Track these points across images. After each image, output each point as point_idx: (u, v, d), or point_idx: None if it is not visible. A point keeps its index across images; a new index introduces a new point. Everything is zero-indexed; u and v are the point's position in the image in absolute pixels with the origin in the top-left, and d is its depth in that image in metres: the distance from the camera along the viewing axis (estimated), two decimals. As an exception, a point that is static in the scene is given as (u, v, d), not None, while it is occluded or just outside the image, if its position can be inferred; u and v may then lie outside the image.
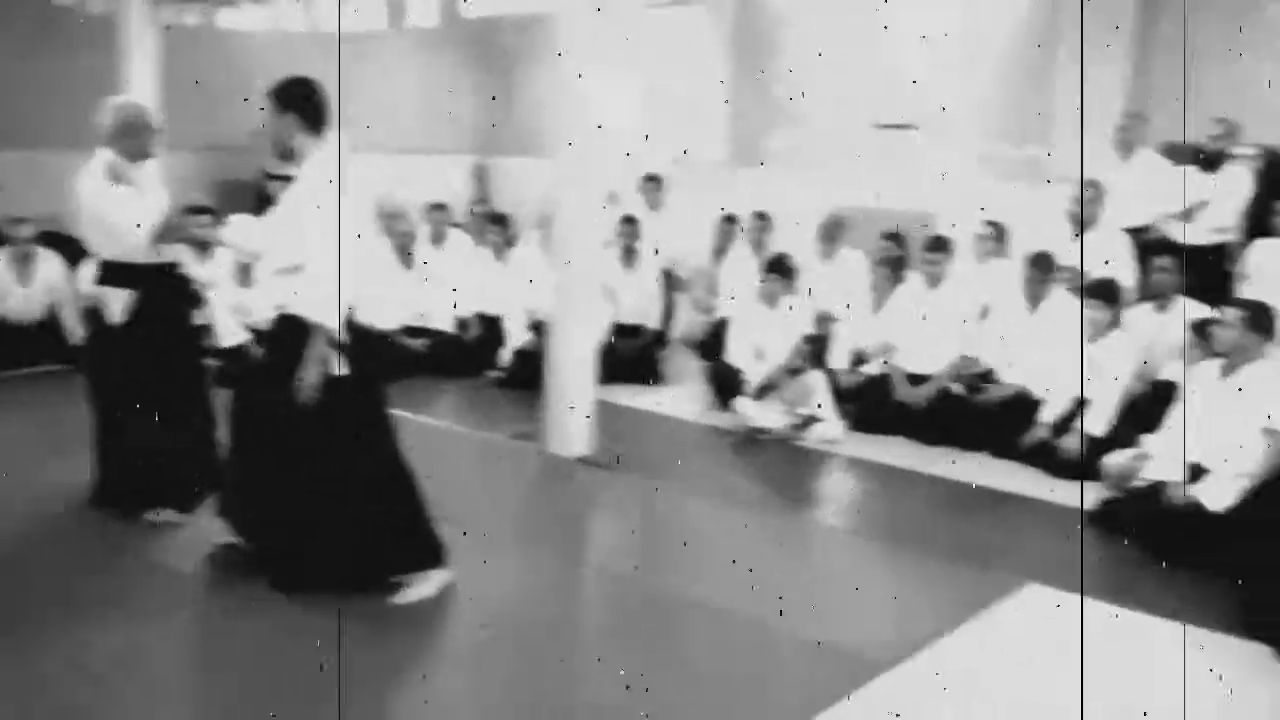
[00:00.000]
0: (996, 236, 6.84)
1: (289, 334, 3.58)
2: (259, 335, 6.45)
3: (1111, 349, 5.42)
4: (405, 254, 7.46)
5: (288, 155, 3.67)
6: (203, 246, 5.85)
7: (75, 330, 6.92)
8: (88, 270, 6.73)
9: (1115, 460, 4.77)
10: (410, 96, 11.11)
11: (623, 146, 8.69)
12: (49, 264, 7.11)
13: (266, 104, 3.65)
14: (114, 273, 4.26)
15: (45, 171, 8.99)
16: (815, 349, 6.14)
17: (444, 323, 7.46)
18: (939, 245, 6.38)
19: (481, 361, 7.25)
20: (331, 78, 3.89)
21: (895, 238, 7.09)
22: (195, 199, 6.79)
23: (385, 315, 7.16)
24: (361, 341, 3.70)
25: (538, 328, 6.62)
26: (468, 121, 11.91)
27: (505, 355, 7.11)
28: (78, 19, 8.29)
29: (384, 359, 5.33)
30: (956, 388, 6.01)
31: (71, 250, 7.37)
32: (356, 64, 10.75)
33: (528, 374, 6.36)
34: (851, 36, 8.99)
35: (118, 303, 4.25)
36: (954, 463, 5.55)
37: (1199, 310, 5.55)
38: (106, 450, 4.39)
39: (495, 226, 7.76)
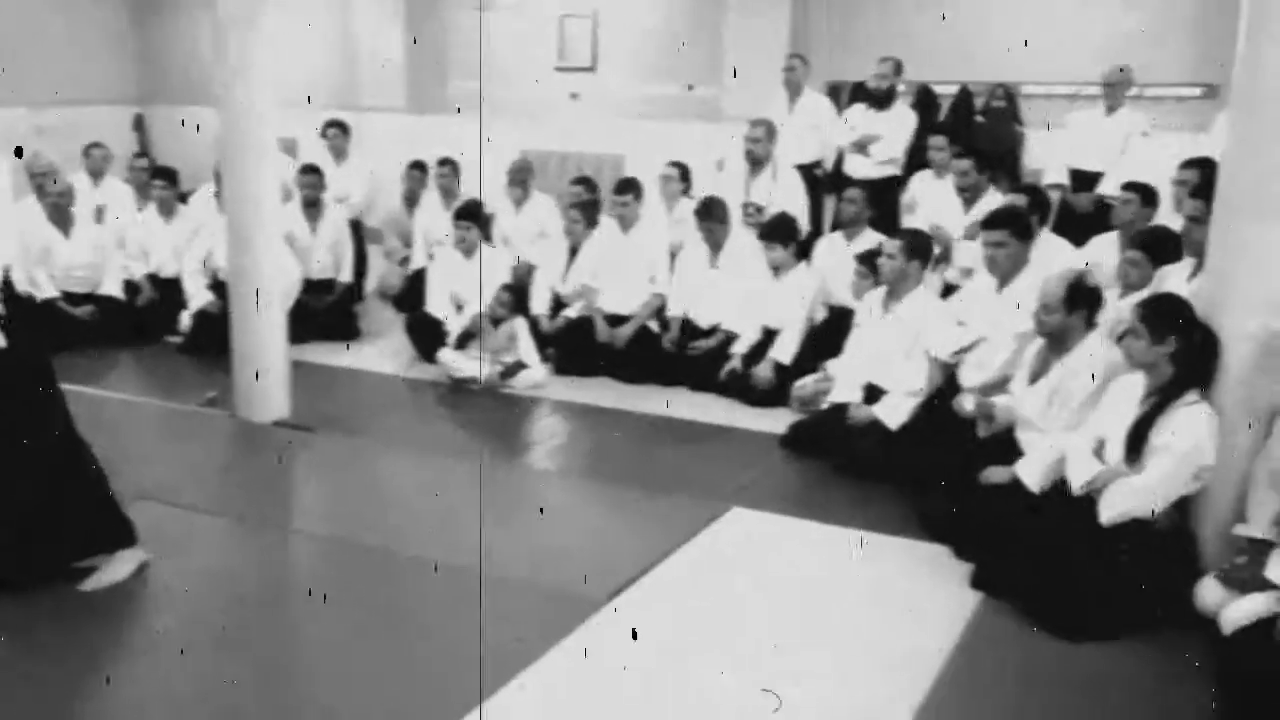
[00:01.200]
0: (681, 177, 7.08)
1: None
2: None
3: (794, 282, 5.78)
4: (61, 215, 6.71)
5: None
6: None
7: None
8: None
9: (803, 385, 5.12)
10: (55, 43, 9.97)
11: (297, 94, 8.24)
12: None
13: None
14: None
15: None
16: (515, 295, 6.14)
17: (112, 287, 6.82)
18: (628, 187, 6.53)
19: (158, 327, 6.72)
20: None
21: (586, 181, 7.18)
22: None
23: (43, 282, 6.49)
24: (20, 311, 3.33)
25: (219, 287, 6.20)
26: (122, 69, 10.87)
27: (185, 319, 6.60)
28: None
29: (46, 329, 4.79)
30: (652, 326, 6.22)
31: None
32: (4, 8, 9.53)
33: (212, 337, 5.95)
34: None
35: None
36: (664, 403, 5.71)
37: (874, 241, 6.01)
38: None
39: (161, 181, 7.15)
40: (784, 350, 5.68)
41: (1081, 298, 3.90)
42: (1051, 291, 3.91)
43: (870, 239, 5.90)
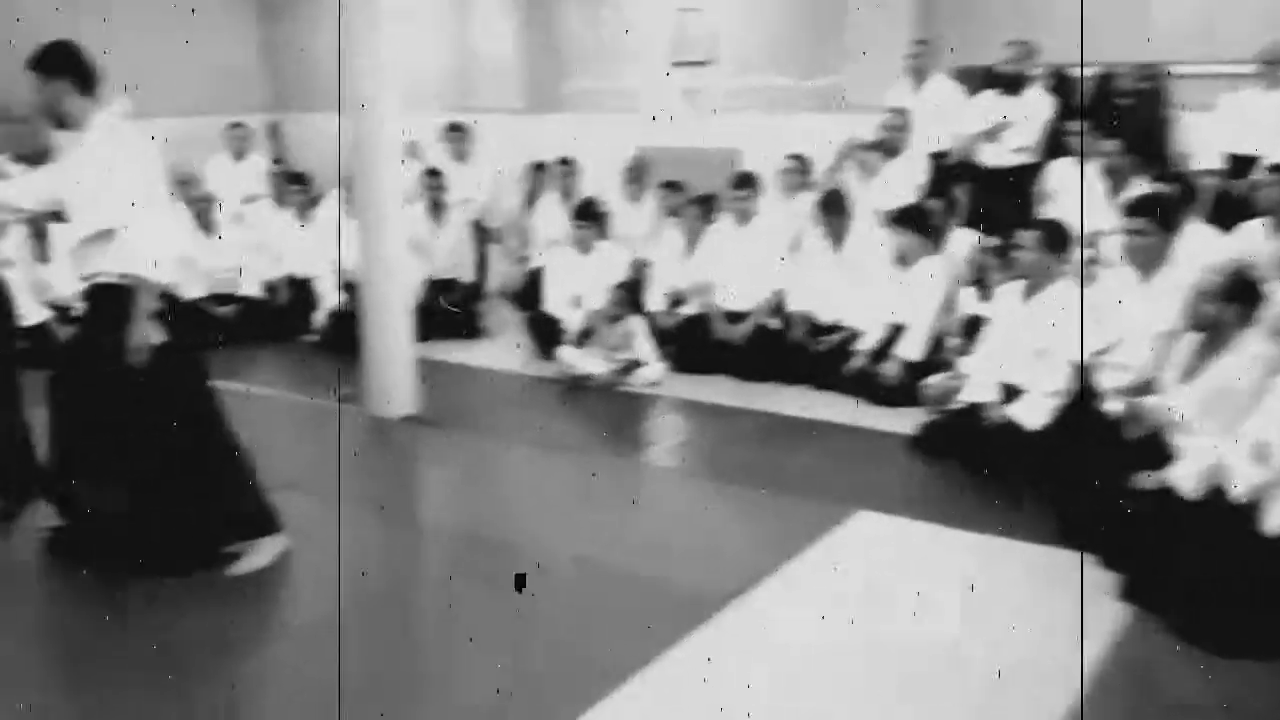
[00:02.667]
0: (801, 169, 6.96)
1: (104, 303, 3.47)
2: (61, 312, 6.04)
3: (924, 275, 5.61)
4: (204, 220, 6.99)
5: (64, 122, 3.54)
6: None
7: None
8: None
9: (933, 384, 4.95)
10: (193, 55, 10.37)
11: (420, 98, 8.38)
12: None
13: (32, 73, 3.49)
14: None
15: None
16: (631, 293, 6.13)
17: (252, 288, 7.07)
18: (745, 182, 6.45)
19: (294, 326, 6.95)
20: (103, 39, 3.70)
21: (673, 185, 7.06)
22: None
23: (191, 284, 6.77)
24: (174, 310, 3.59)
25: (350, 288, 6.36)
26: (256, 79, 11.23)
27: (319, 318, 6.80)
28: None
29: (197, 327, 5.05)
30: (773, 323, 6.13)
31: None
32: (132, 24, 9.94)
33: (343, 336, 6.10)
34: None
35: None
36: (783, 401, 5.61)
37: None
38: None
39: (295, 186, 7.38)
40: (912, 346, 5.53)
41: (1242, 290, 3.66)
42: (1210, 281, 3.68)
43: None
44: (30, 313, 6.14)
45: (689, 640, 3.23)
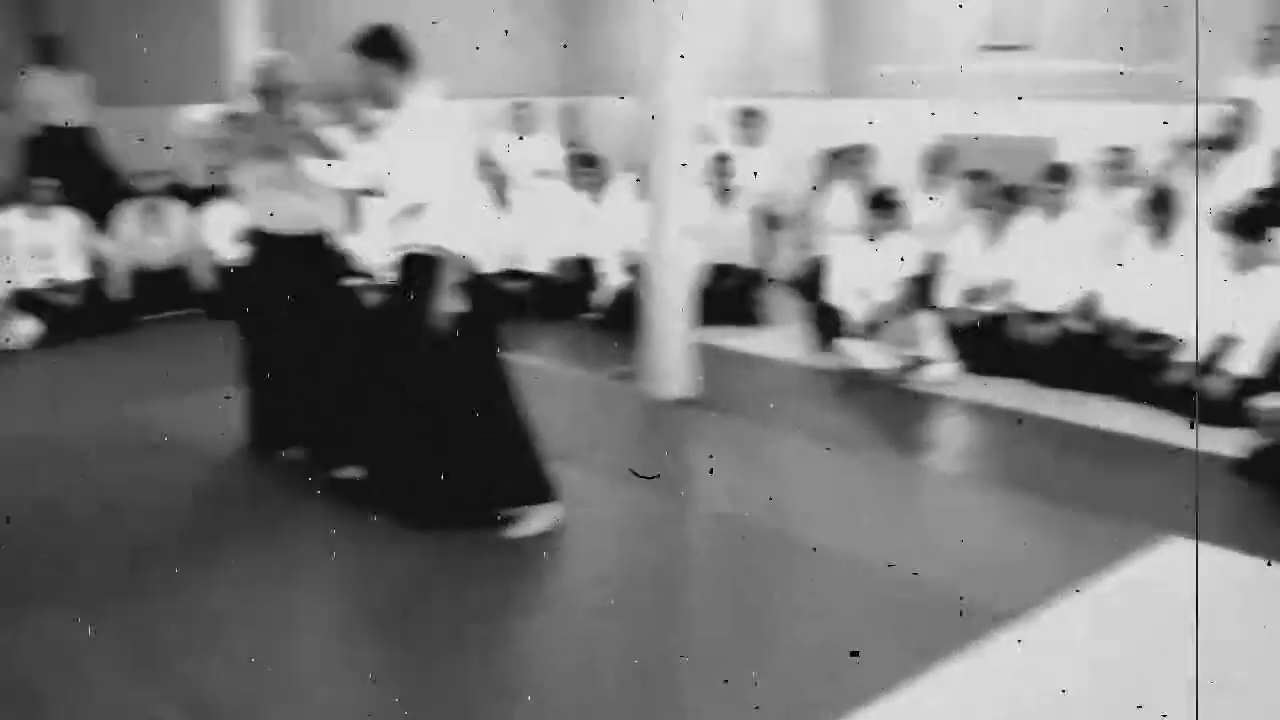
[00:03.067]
0: (1121, 163, 6.38)
1: (415, 272, 3.66)
2: (367, 279, 6.54)
3: (1262, 283, 4.98)
4: (500, 197, 7.31)
5: (383, 101, 3.73)
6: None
7: (203, 278, 7.24)
8: (215, 221, 6.94)
9: (1266, 404, 4.37)
10: (496, 39, 10.93)
11: (715, 82, 8.37)
12: (176, 215, 7.34)
13: (354, 55, 3.68)
14: (263, 241, 4.35)
15: (165, 125, 9.19)
16: (924, 287, 5.82)
17: (541, 265, 7.33)
18: (1058, 174, 5.98)
19: (579, 303, 7.12)
20: (418, 23, 3.91)
21: (981, 175, 6.63)
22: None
23: (486, 259, 7.08)
24: (473, 282, 3.70)
25: (634, 269, 6.44)
26: (556, 63, 11.68)
27: (602, 297, 6.94)
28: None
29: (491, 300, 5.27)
30: (1082, 326, 5.64)
31: (196, 201, 7.57)
32: (442, 8, 10.59)
33: (625, 316, 6.19)
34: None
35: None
36: (1088, 411, 5.17)
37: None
38: (252, 393, 4.52)
39: (589, 168, 7.56)
40: (1245, 360, 4.90)
41: None
42: None
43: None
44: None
45: (966, 653, 2.99)
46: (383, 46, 3.65)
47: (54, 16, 8.77)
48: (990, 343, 5.80)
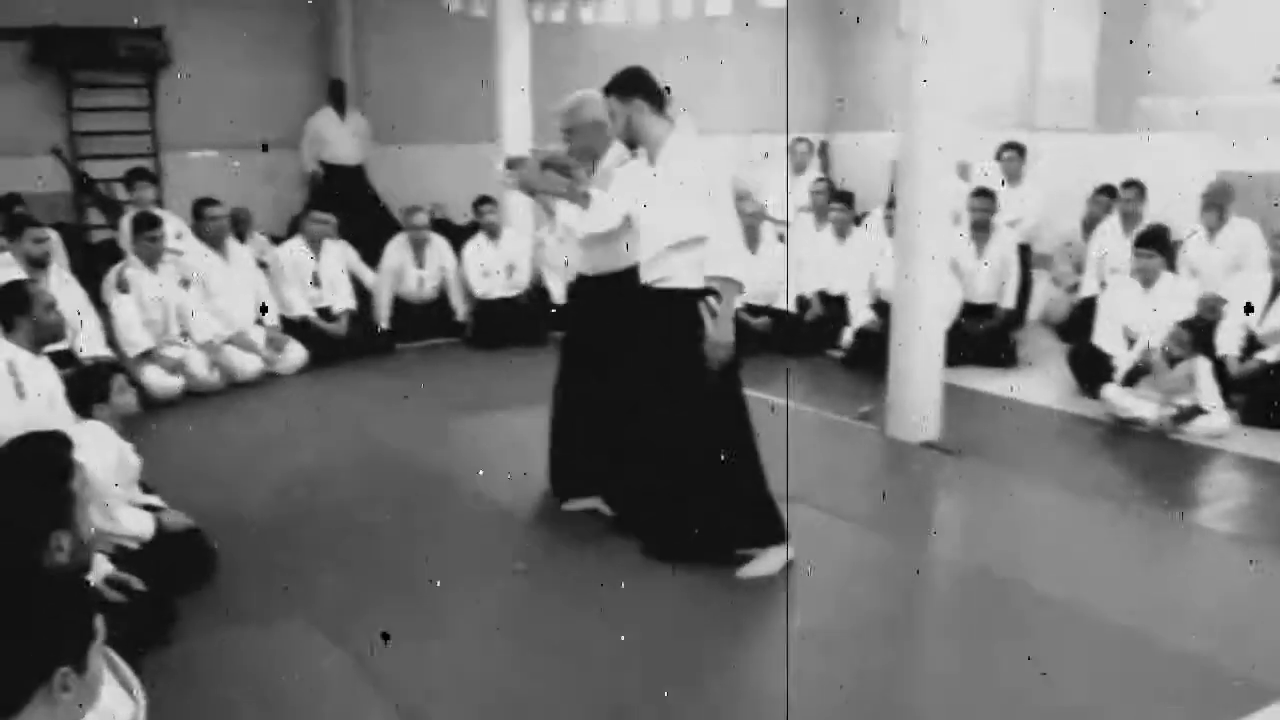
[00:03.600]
0: None
1: (676, 308, 3.70)
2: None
3: None
4: (752, 234, 7.42)
5: (635, 140, 3.84)
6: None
7: (460, 308, 7.71)
8: (473, 255, 7.41)
9: None
10: (755, 77, 11.13)
11: (975, 116, 8.18)
12: (439, 248, 7.81)
13: (610, 96, 3.82)
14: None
15: (434, 163, 10.02)
16: (1196, 333, 5.45)
17: (786, 301, 7.37)
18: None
19: (823, 341, 7.11)
20: (681, 64, 3.99)
21: None
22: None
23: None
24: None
25: (880, 307, 6.38)
26: (813, 99, 11.76)
27: (848, 335, 6.91)
28: (462, 20, 9.01)
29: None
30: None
31: (457, 236, 8.14)
32: (705, 48, 10.92)
33: (870, 354, 6.14)
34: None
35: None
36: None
37: None
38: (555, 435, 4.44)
39: (838, 204, 7.57)
40: None
41: None
42: None
43: None
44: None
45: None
46: (635, 85, 3.78)
47: (339, 61, 9.75)
48: (1273, 394, 5.36)
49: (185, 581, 3.61)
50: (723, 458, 3.71)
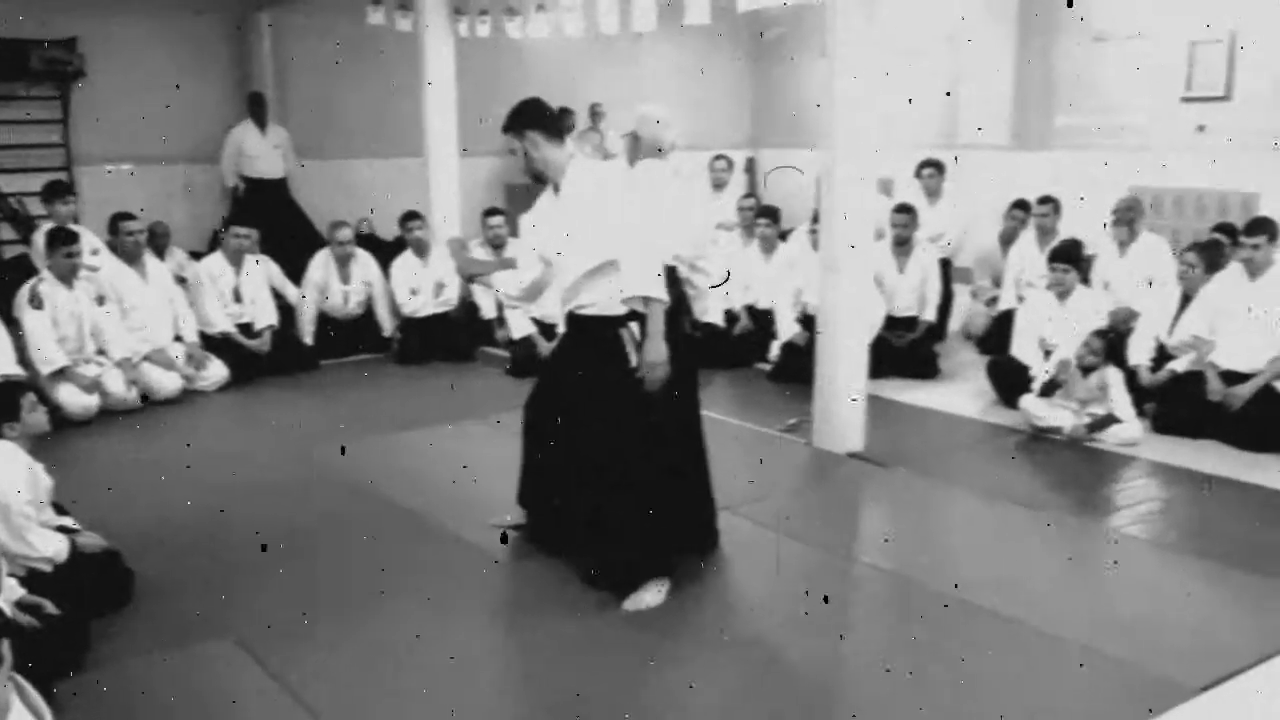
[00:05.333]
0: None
1: (601, 328, 3.65)
2: (543, 328, 6.83)
3: None
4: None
5: (539, 176, 3.76)
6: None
7: (387, 324, 7.66)
8: (399, 272, 7.33)
9: None
10: (679, 92, 11.24)
11: (896, 134, 8.37)
12: (365, 263, 7.75)
13: (507, 134, 3.72)
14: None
15: (360, 177, 9.93)
16: (1107, 343, 5.61)
17: (714, 316, 7.42)
18: (1260, 228, 5.68)
19: (750, 354, 7.19)
20: (608, 79, 4.01)
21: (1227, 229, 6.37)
22: (492, 203, 7.12)
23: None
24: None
25: (807, 321, 6.47)
26: (740, 116, 11.91)
27: (774, 348, 6.99)
28: (386, 34, 8.95)
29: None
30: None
31: (385, 251, 8.07)
32: (631, 64, 11.00)
33: (796, 367, 6.22)
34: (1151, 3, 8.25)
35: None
36: (1274, 470, 4.92)
37: None
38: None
39: (764, 220, 7.66)
40: None
41: None
42: None
43: None
44: (518, 328, 7.04)
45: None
46: (530, 119, 3.68)
47: (259, 74, 9.63)
48: (1182, 402, 5.55)
49: (101, 605, 3.53)
50: (652, 481, 3.66)
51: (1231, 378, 5.47)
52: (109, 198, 7.96)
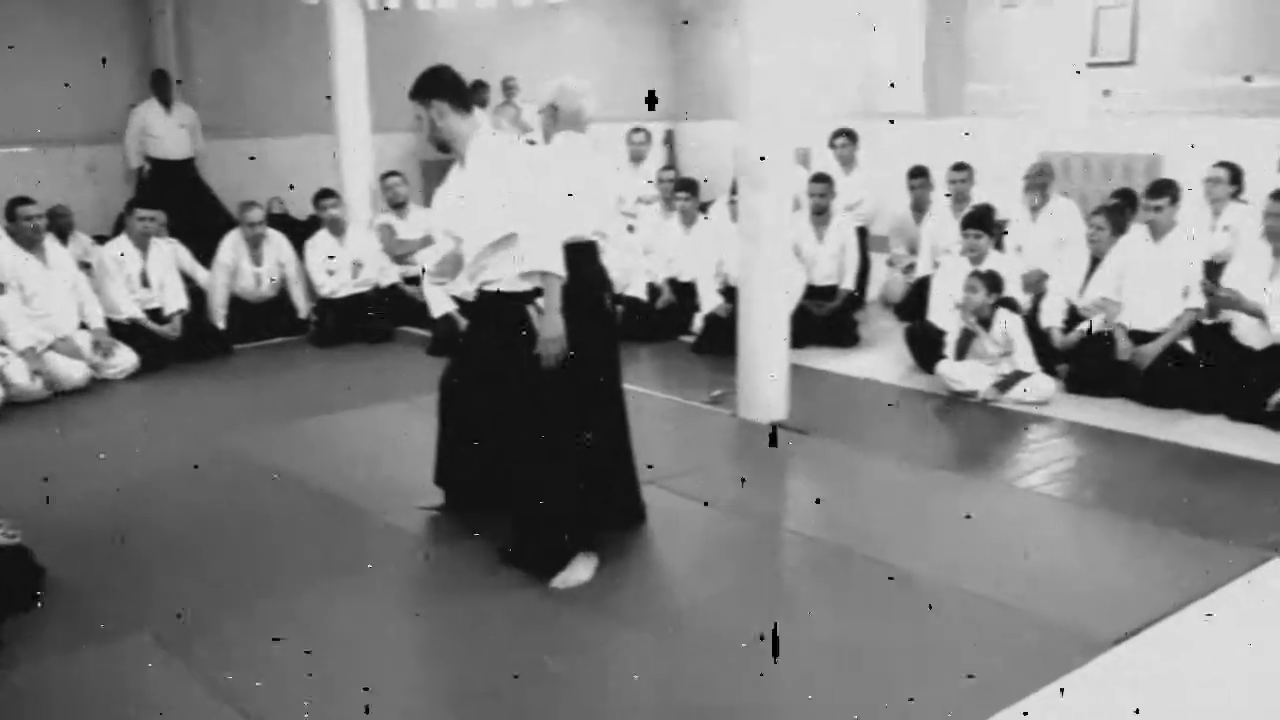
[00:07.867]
0: (1231, 179, 6.21)
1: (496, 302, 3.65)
2: (463, 305, 6.72)
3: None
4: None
5: (444, 146, 3.72)
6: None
7: (302, 305, 7.50)
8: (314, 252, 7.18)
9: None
10: (609, 66, 11.16)
11: (811, 105, 8.42)
12: (278, 244, 7.56)
13: (414, 100, 3.64)
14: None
15: (270, 156, 9.67)
16: (989, 281, 5.65)
17: (637, 289, 7.43)
18: (1162, 190, 5.84)
19: (673, 327, 7.20)
20: (522, 52, 3.96)
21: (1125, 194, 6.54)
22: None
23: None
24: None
25: (729, 293, 6.50)
26: (660, 88, 11.86)
27: (697, 320, 7.02)
28: (294, 8, 8.72)
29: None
30: (1187, 345, 5.51)
31: (295, 231, 7.88)
32: (545, 36, 10.88)
33: (720, 339, 6.25)
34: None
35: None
36: (1193, 431, 5.06)
37: None
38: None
39: (683, 192, 7.66)
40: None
41: None
42: None
43: None
44: (438, 305, 6.78)
45: (1063, 681, 2.96)
46: (437, 87, 3.60)
47: (162, 51, 9.32)
48: (1093, 362, 5.70)
49: (10, 603, 3.41)
50: (572, 456, 3.64)
51: (1140, 337, 5.63)
52: (6, 181, 7.65)
